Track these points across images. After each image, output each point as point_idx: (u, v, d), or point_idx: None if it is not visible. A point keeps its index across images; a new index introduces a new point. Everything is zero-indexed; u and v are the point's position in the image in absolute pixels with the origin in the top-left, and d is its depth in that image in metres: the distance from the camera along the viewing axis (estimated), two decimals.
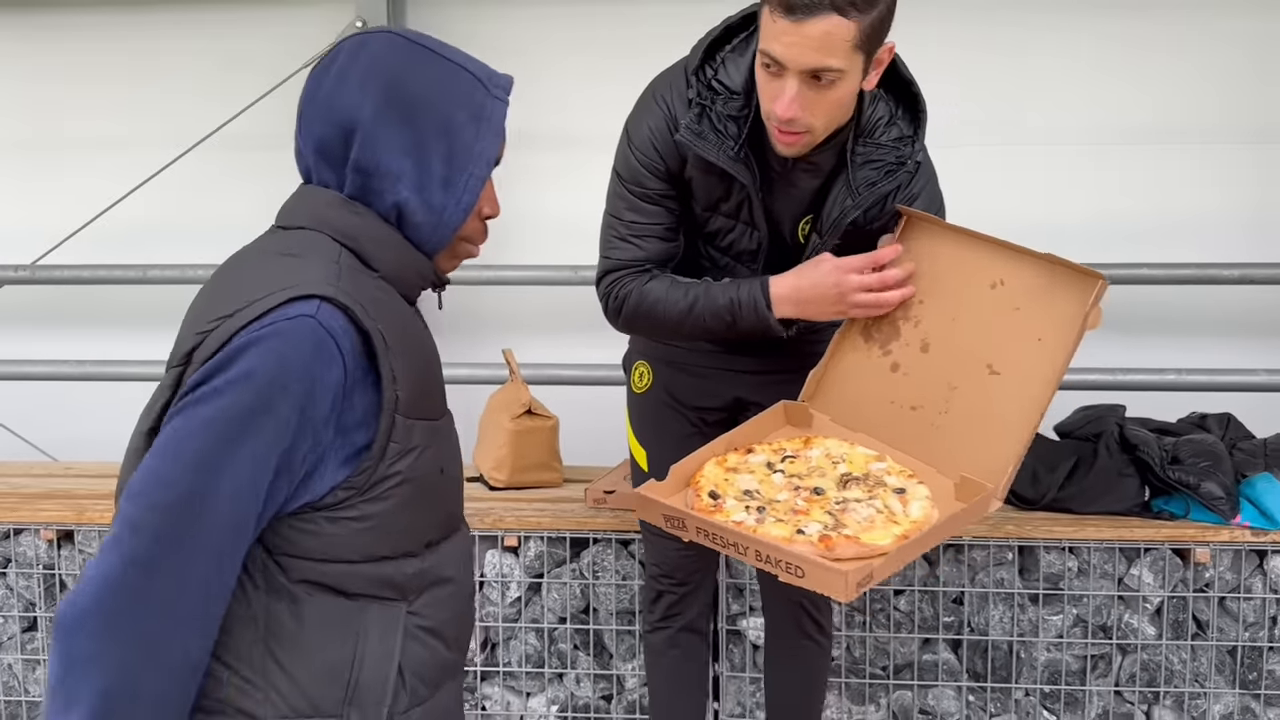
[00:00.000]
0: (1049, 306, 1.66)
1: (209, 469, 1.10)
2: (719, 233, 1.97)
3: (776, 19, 1.65)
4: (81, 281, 3.69)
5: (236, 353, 1.12)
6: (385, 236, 1.24)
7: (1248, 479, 2.75)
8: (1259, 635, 2.70)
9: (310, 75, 1.27)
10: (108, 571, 1.09)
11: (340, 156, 1.23)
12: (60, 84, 3.83)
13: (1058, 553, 2.71)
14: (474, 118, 1.25)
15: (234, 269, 1.25)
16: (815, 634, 2.30)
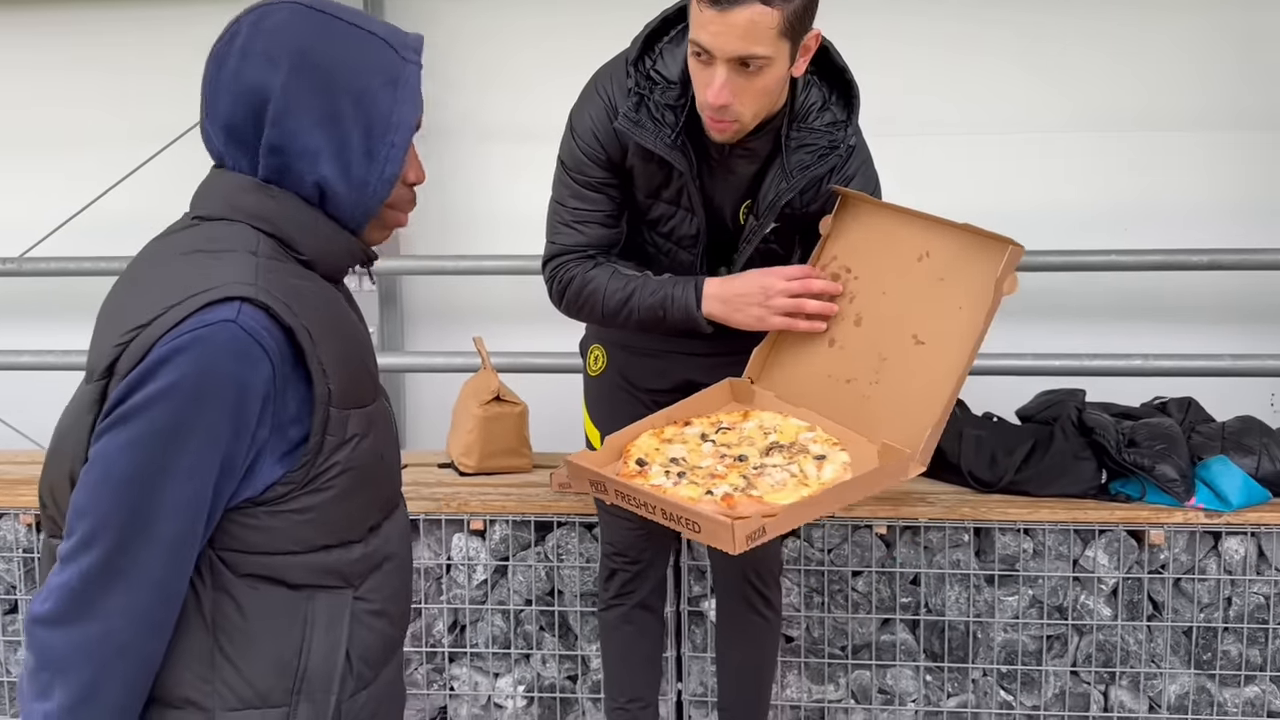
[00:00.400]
0: (968, 274, 1.71)
1: (148, 486, 1.11)
2: (660, 219, 2.03)
3: (703, 9, 1.70)
4: (68, 274, 3.76)
5: (157, 364, 1.10)
6: (307, 219, 1.21)
7: (1203, 461, 2.78)
8: (1213, 616, 2.74)
9: (211, 54, 1.22)
10: (68, 583, 1.13)
11: (252, 137, 1.18)
12: (47, 78, 3.90)
13: (1013, 534, 2.75)
14: (389, 83, 1.20)
15: (147, 268, 1.21)
16: (763, 609, 2.35)
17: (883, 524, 2.76)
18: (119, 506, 1.12)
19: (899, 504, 2.78)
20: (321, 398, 1.18)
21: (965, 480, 2.87)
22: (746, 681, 2.41)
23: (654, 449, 1.74)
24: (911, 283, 1.79)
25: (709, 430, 1.82)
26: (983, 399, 3.08)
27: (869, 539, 2.77)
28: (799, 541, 2.79)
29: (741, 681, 2.42)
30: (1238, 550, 2.72)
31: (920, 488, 2.90)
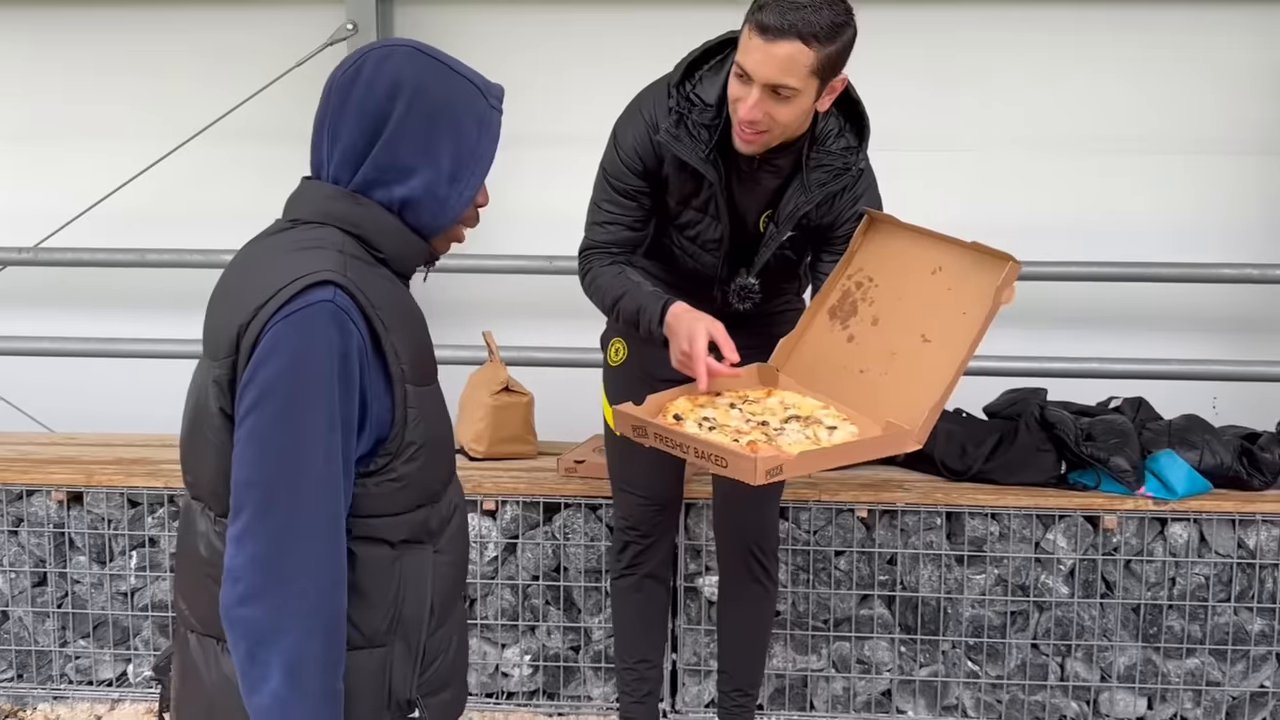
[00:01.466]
0: (973, 285, 1.96)
1: (301, 448, 1.28)
2: (689, 224, 2.29)
3: (752, 36, 1.95)
4: (82, 264, 3.89)
5: (276, 341, 1.29)
6: (387, 224, 1.41)
7: (1152, 455, 3.06)
8: (1159, 594, 3.02)
9: (335, 85, 1.41)
10: (258, 554, 1.28)
11: (362, 154, 1.39)
12: (64, 75, 4.03)
13: (981, 519, 3.01)
14: (478, 124, 1.43)
15: (254, 261, 1.40)
16: (763, 578, 2.59)
17: (864, 508, 3.01)
18: (283, 471, 1.29)
19: (879, 490, 3.03)
20: (398, 376, 1.37)
21: (938, 469, 3.13)
22: (746, 643, 2.65)
23: (689, 409, 1.99)
24: (924, 291, 2.03)
25: (737, 401, 2.06)
26: (954, 397, 3.31)
27: (851, 521, 3.02)
28: (788, 523, 3.03)
29: (741, 644, 2.65)
30: (1182, 535, 3.00)
31: (897, 476, 3.16)
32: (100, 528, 3.14)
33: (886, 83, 3.70)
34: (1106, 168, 3.77)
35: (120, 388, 3.99)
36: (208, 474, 1.39)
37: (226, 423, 1.34)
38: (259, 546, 1.29)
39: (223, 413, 1.34)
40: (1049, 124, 3.78)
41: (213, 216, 3.98)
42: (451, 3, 3.91)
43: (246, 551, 1.29)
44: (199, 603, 1.42)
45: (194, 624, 1.43)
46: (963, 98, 3.77)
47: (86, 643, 3.19)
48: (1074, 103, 3.76)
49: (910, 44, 3.72)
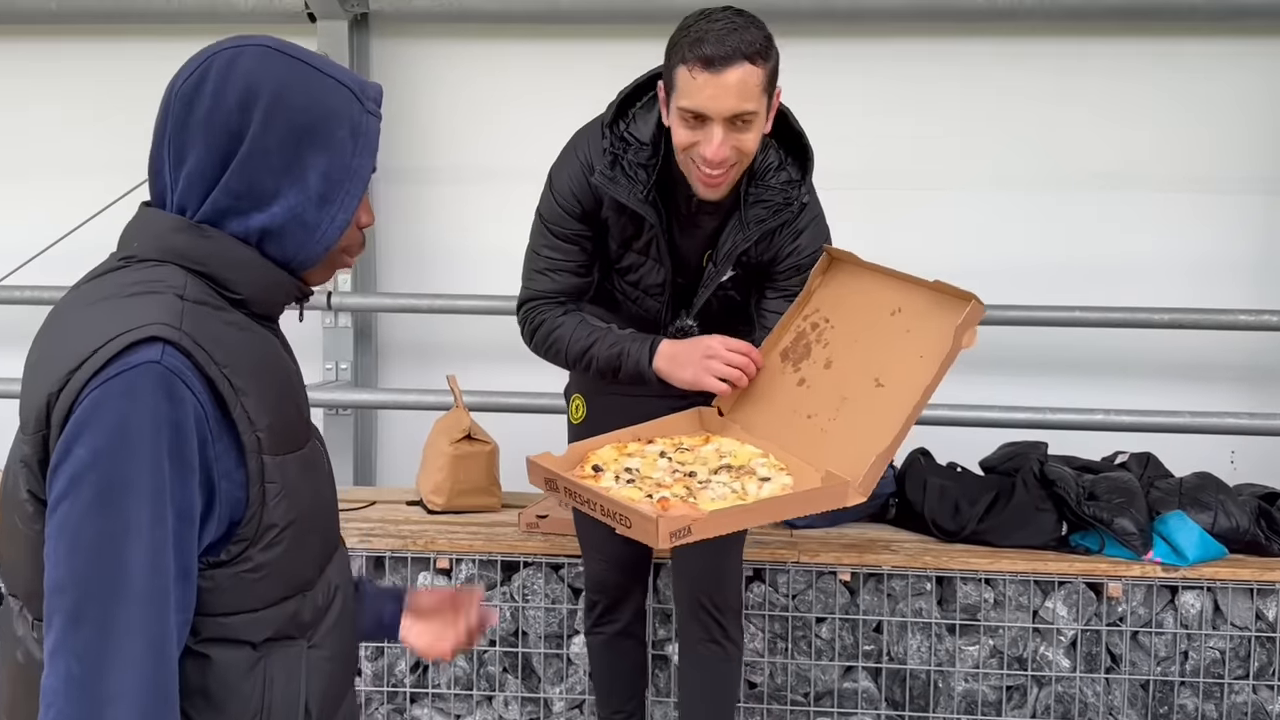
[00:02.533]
0: (933, 327, 1.81)
1: (119, 544, 1.07)
2: (630, 268, 2.18)
3: (696, 74, 1.86)
4: (43, 302, 3.75)
5: (91, 412, 1.08)
6: (242, 258, 1.19)
7: (1161, 516, 2.83)
8: (1170, 669, 2.77)
9: (176, 95, 1.19)
10: (70, 672, 1.07)
11: (212, 179, 1.18)
12: (27, 108, 3.92)
13: (975, 584, 2.78)
14: (352, 134, 1.21)
15: (72, 311, 1.18)
16: (719, 638, 2.38)
17: (847, 570, 2.79)
18: (97, 573, 1.07)
19: (864, 551, 2.81)
20: (251, 446, 1.16)
21: (929, 529, 2.91)
22: (705, 715, 2.43)
23: (612, 459, 1.84)
24: (881, 333, 1.89)
25: (669, 449, 1.91)
26: (947, 450, 3.13)
27: (833, 585, 2.80)
28: (764, 586, 2.81)
29: (700, 715, 2.44)
30: (1194, 605, 2.76)
31: (884, 535, 2.94)
32: None
33: (878, 120, 3.60)
34: (1115, 206, 3.58)
35: None
36: (22, 570, 1.16)
37: (39, 510, 1.11)
38: (70, 664, 1.06)
39: (34, 498, 1.12)
40: (1051, 161, 3.60)
41: None
42: (429, 33, 3.79)
43: (58, 671, 1.07)
44: (17, 715, 1.19)
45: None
46: (959, 134, 3.61)
47: None
48: (1078, 139, 3.58)
49: (906, 80, 3.57)
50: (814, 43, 3.55)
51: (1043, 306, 3.45)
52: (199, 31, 3.83)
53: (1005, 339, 3.42)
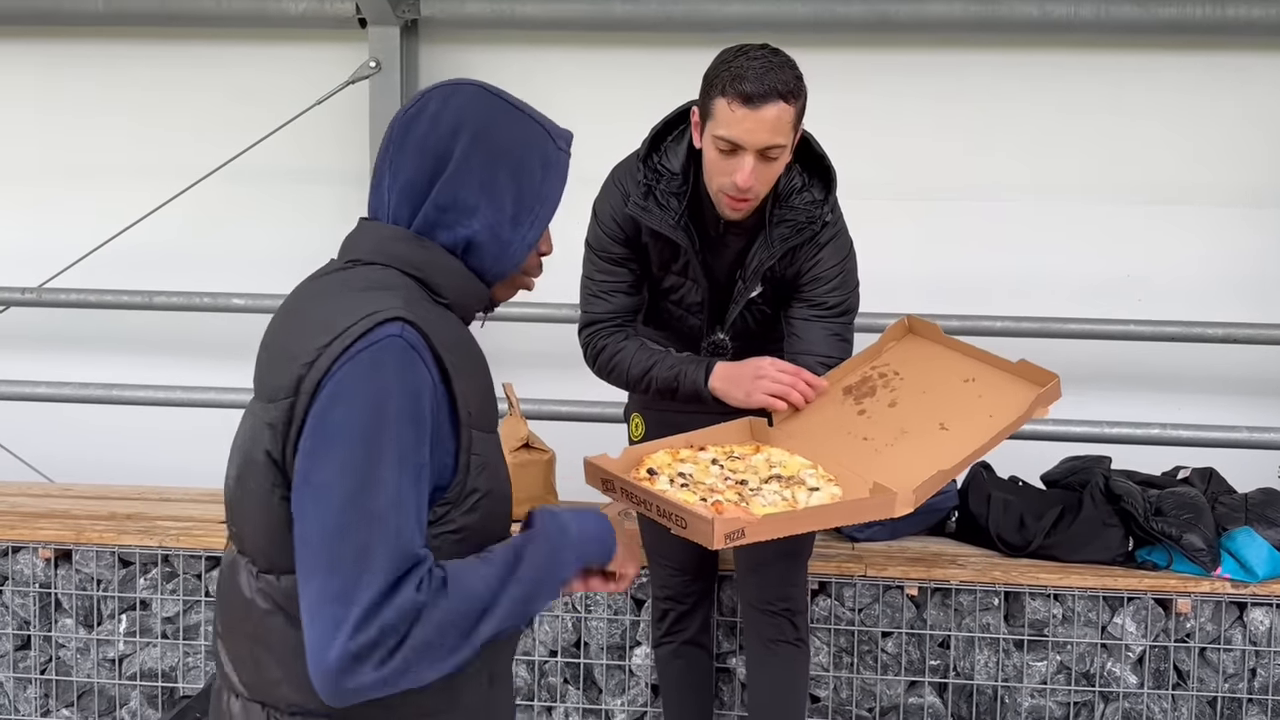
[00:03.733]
0: (1006, 395, 1.88)
1: (366, 497, 1.19)
2: (672, 289, 2.34)
3: (735, 109, 2.00)
4: (87, 305, 3.74)
5: (345, 382, 1.22)
6: (451, 266, 1.34)
7: (1228, 532, 2.81)
8: (1238, 686, 2.75)
9: (398, 122, 1.37)
10: (335, 618, 1.16)
11: (422, 193, 1.34)
12: (73, 113, 3.91)
13: (1043, 599, 2.76)
14: (543, 165, 1.37)
15: (313, 299, 1.34)
16: (791, 636, 2.43)
17: (914, 585, 2.77)
18: (357, 522, 1.18)
19: (930, 565, 2.79)
20: (465, 420, 1.29)
21: (992, 543, 2.89)
22: (773, 710, 2.44)
23: (666, 464, 1.86)
24: (951, 393, 1.95)
25: (721, 457, 1.93)
26: (1006, 463, 3.11)
27: (900, 600, 2.78)
28: (830, 600, 2.79)
29: (768, 710, 2.44)
30: (1263, 621, 2.74)
31: (949, 550, 2.92)
32: (89, 588, 2.93)
33: (929, 131, 3.60)
34: (1174, 221, 3.57)
35: (125, 435, 3.82)
36: (252, 527, 1.31)
37: (275, 471, 1.27)
38: (335, 611, 1.16)
39: (271, 460, 1.27)
40: (1108, 174, 3.58)
41: (224, 259, 3.84)
42: (479, 40, 3.78)
43: (325, 618, 1.16)
44: (243, 666, 1.32)
45: (238, 688, 1.33)
46: (1012, 147, 3.60)
47: (70, 712, 2.96)
48: (1135, 153, 3.57)
49: (957, 93, 3.57)
50: (875, 53, 3.56)
51: (1096, 320, 3.44)
52: (246, 36, 3.84)
53: (1060, 352, 3.39)
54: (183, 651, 2.93)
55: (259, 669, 1.29)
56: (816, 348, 2.22)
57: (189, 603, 2.92)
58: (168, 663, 2.93)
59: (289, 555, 1.23)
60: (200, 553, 2.90)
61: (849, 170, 2.34)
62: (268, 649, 1.28)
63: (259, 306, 3.62)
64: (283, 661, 1.27)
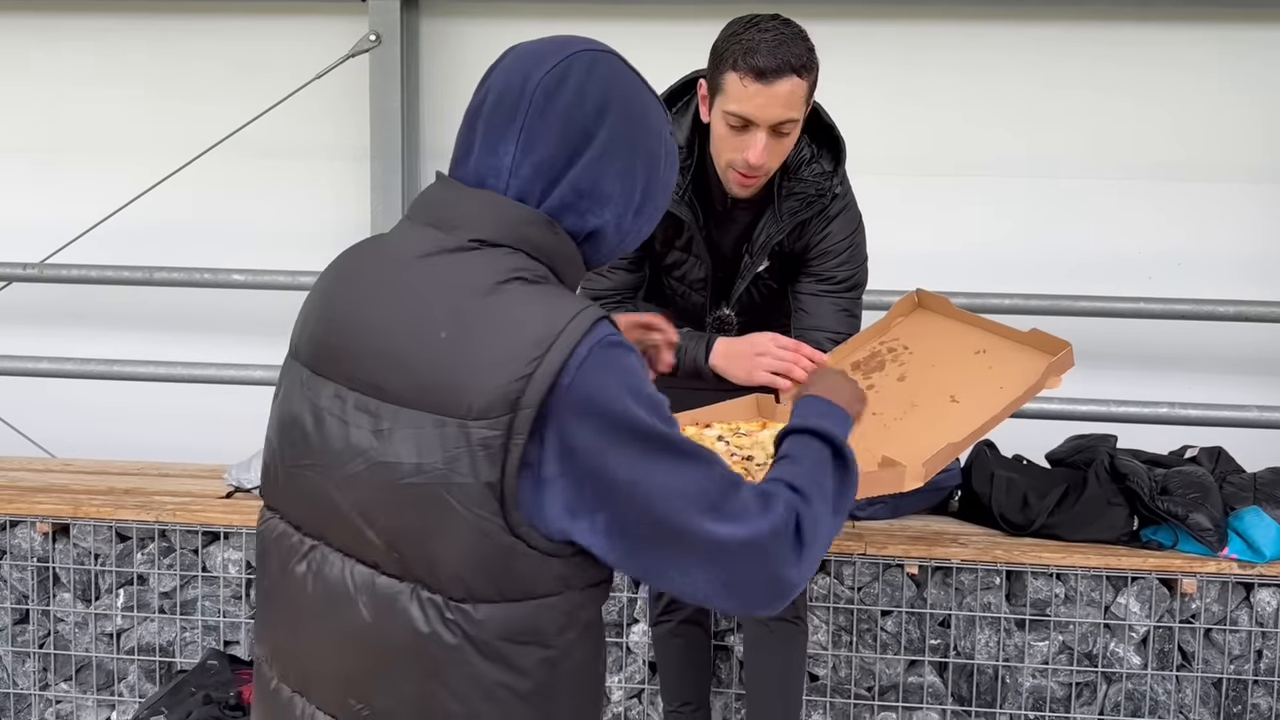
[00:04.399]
0: (1017, 365, 1.84)
1: (675, 477, 1.14)
2: (675, 264, 2.28)
3: (748, 84, 1.93)
4: (89, 281, 3.72)
5: (596, 389, 1.12)
6: (573, 255, 1.24)
7: (1236, 512, 2.76)
8: (1244, 668, 2.71)
9: (539, 87, 1.21)
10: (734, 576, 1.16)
11: (559, 173, 1.21)
12: (74, 86, 3.88)
13: (1045, 579, 2.73)
14: (665, 151, 1.28)
15: (470, 299, 1.17)
16: (790, 616, 2.40)
17: (914, 564, 2.73)
18: (676, 503, 1.13)
19: (931, 544, 2.76)
20: None
21: (995, 522, 2.86)
22: (776, 693, 2.43)
23: None
24: (961, 365, 1.91)
25: (727, 434, 1.89)
26: (1010, 442, 3.06)
27: (900, 578, 2.75)
28: (829, 579, 2.76)
29: (771, 694, 2.44)
30: (1270, 602, 2.70)
31: (951, 528, 2.89)
32: (87, 563, 2.93)
33: (929, 105, 3.54)
34: (1183, 196, 3.50)
35: (127, 411, 3.81)
36: (445, 555, 1.15)
37: (489, 499, 1.12)
38: (723, 570, 1.16)
39: (484, 485, 1.12)
40: (1115, 150, 3.52)
41: (226, 234, 3.82)
42: (480, 13, 3.74)
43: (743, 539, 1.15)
44: (401, 703, 1.19)
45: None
46: (1020, 122, 3.54)
47: (68, 686, 2.97)
48: (1141, 128, 3.51)
49: (957, 66, 3.51)
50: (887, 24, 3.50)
51: (1104, 298, 3.38)
52: (246, 10, 3.81)
53: (1067, 330, 3.28)
54: (179, 626, 2.92)
55: (427, 705, 1.17)
56: (825, 323, 2.18)
57: (186, 578, 2.92)
58: (165, 637, 2.93)
59: (491, 583, 1.14)
60: (197, 528, 2.89)
61: (859, 144, 2.30)
62: (447, 688, 1.16)
63: (260, 283, 3.60)
64: (464, 698, 1.16)
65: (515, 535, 1.13)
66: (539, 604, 1.16)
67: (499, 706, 1.17)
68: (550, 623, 1.17)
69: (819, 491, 1.23)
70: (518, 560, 1.14)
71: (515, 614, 1.16)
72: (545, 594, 1.16)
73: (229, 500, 2.98)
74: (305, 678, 1.24)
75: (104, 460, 3.44)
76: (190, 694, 2.57)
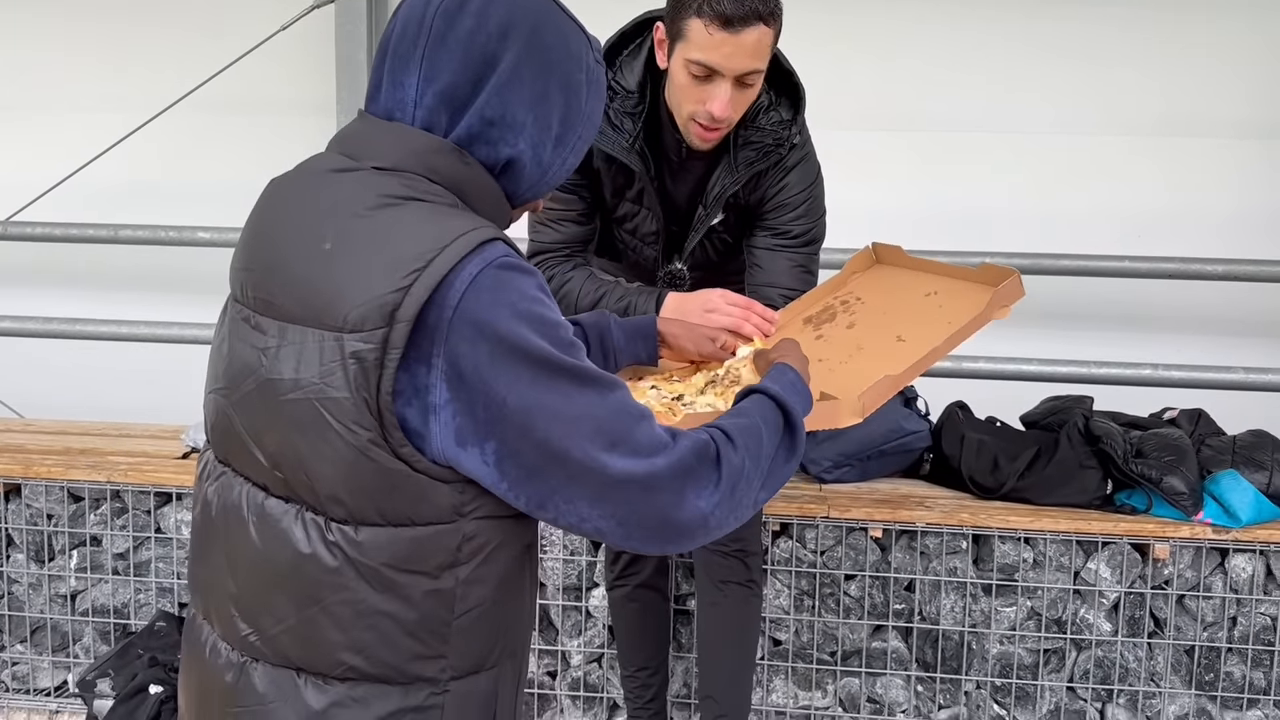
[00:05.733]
0: (966, 300, 1.77)
1: (582, 403, 1.09)
2: (625, 217, 2.18)
3: (713, 32, 1.83)
4: (53, 239, 3.67)
5: (478, 309, 1.06)
6: (488, 186, 1.19)
7: (1213, 476, 2.68)
8: (1217, 635, 2.64)
9: (439, 10, 1.17)
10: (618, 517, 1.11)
11: (465, 101, 1.16)
12: (35, 45, 3.81)
13: (1013, 543, 2.65)
14: (587, 79, 1.22)
15: (357, 217, 1.13)
16: (745, 580, 2.35)
17: (878, 527, 2.66)
18: (583, 427, 1.09)
19: (896, 507, 2.68)
20: None
21: (965, 485, 2.78)
22: (730, 658, 2.38)
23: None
24: (912, 308, 1.85)
25: (660, 383, 1.82)
26: (987, 404, 2.99)
27: (864, 542, 2.68)
28: (791, 542, 2.70)
29: (724, 659, 2.39)
30: (1245, 568, 2.62)
31: (919, 491, 2.81)
32: (40, 524, 2.89)
33: (930, 62, 3.43)
34: (1161, 153, 3.40)
35: (90, 371, 3.77)
36: (318, 474, 1.11)
37: (364, 413, 1.07)
38: (614, 505, 1.10)
39: (361, 400, 1.07)
40: (1101, 107, 3.41)
41: (189, 192, 3.75)
42: None
43: (639, 479, 1.10)
44: (279, 628, 1.15)
45: (263, 653, 1.16)
46: (1000, 78, 3.43)
47: (24, 648, 2.94)
48: (1129, 84, 3.39)
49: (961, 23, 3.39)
50: None
51: (1090, 256, 3.29)
52: None
53: (1049, 289, 3.26)
54: (134, 588, 2.88)
55: (308, 631, 1.13)
56: (779, 279, 2.10)
57: (139, 539, 2.87)
58: (120, 599, 2.89)
59: (373, 505, 1.09)
60: (149, 489, 2.85)
61: (827, 96, 2.22)
62: (325, 612, 1.12)
63: (225, 240, 3.54)
64: (343, 625, 1.12)
65: (397, 457, 1.08)
66: (427, 530, 1.11)
67: (381, 637, 1.12)
68: (440, 552, 1.12)
69: (754, 448, 1.19)
70: (402, 483, 1.09)
71: (399, 538, 1.11)
72: (433, 521, 1.11)
73: (184, 461, 2.93)
74: (210, 605, 1.22)
75: (64, 420, 3.40)
76: (137, 656, 2.53)
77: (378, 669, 1.13)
